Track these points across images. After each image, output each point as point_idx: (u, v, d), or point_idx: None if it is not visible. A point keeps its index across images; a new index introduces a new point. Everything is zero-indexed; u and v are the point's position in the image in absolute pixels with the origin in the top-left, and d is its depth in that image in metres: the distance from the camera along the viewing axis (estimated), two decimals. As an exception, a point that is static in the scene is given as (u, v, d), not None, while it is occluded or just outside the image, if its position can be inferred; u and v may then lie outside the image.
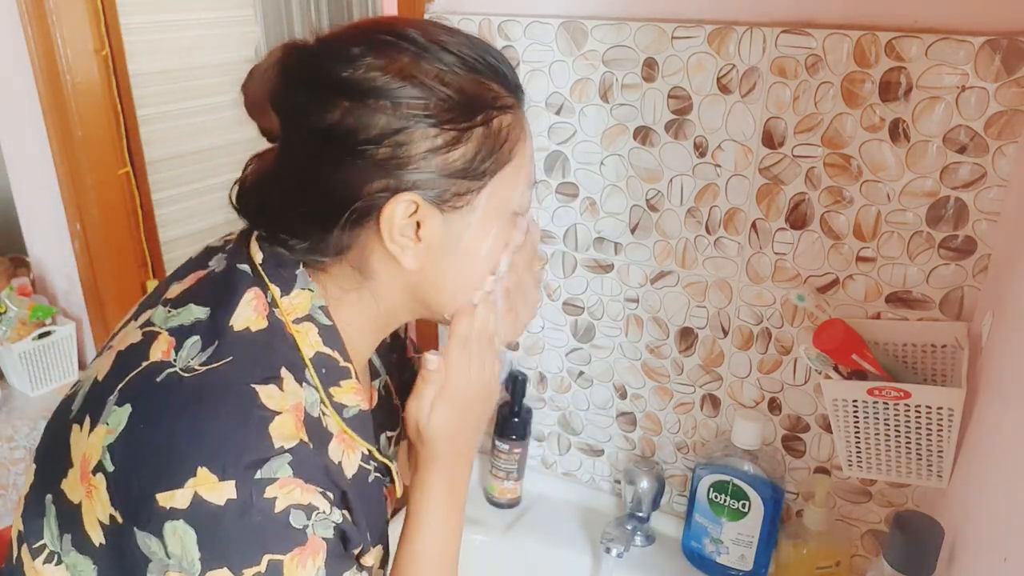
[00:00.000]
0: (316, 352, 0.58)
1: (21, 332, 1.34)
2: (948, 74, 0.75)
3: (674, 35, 0.86)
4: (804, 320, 0.89)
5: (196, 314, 0.56)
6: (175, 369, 0.53)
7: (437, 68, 0.54)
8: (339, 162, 0.54)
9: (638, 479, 1.01)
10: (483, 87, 0.56)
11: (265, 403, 0.52)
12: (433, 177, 0.54)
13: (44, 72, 1.27)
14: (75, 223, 1.36)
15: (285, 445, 0.51)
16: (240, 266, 0.58)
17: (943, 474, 0.77)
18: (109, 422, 0.51)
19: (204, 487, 0.48)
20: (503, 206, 0.59)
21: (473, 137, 0.55)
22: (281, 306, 0.57)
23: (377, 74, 0.53)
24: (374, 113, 0.52)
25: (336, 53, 0.54)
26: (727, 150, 0.88)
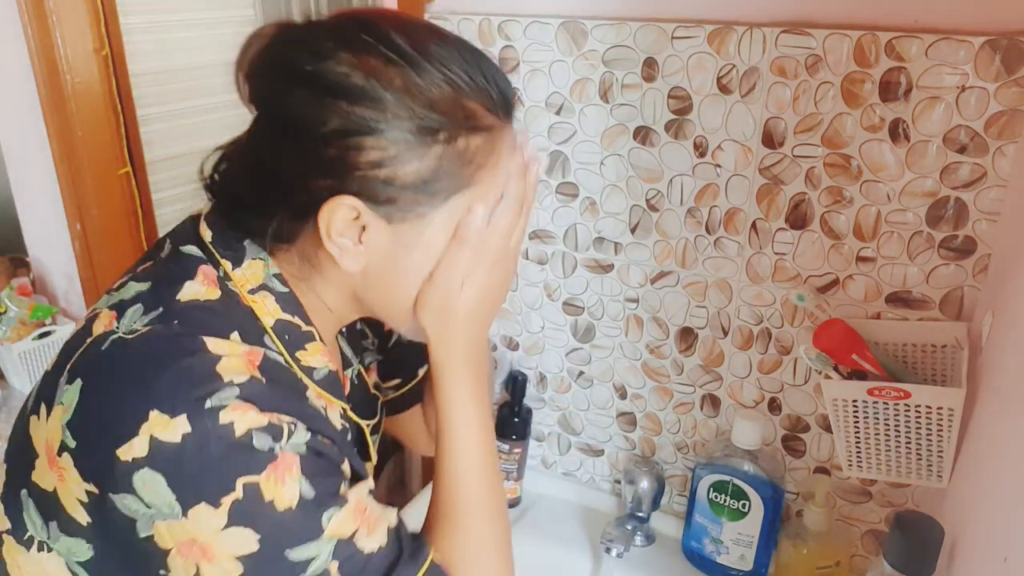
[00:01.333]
0: (276, 319, 0.57)
1: (21, 332, 1.34)
2: (948, 74, 0.75)
3: (674, 35, 0.86)
4: (804, 320, 0.89)
5: (136, 288, 0.56)
6: (118, 334, 0.52)
7: (407, 77, 0.52)
8: (289, 152, 0.53)
9: (638, 479, 1.01)
10: (456, 104, 0.54)
11: (211, 348, 0.51)
12: (380, 187, 0.53)
13: (44, 72, 1.27)
14: (75, 223, 1.36)
15: (235, 379, 0.50)
16: (185, 248, 0.58)
17: (943, 474, 0.77)
18: (63, 401, 0.51)
19: (157, 428, 0.48)
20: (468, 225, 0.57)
21: (431, 155, 0.53)
22: (234, 278, 0.57)
23: (342, 73, 0.51)
24: (328, 111, 0.51)
25: (311, 44, 0.53)
26: (727, 150, 0.88)
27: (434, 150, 0.53)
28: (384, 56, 0.52)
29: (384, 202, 0.54)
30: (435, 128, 0.53)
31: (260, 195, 0.56)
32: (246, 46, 0.58)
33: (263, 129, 0.56)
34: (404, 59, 0.52)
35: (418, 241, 0.56)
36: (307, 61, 0.52)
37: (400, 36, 0.53)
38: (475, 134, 0.55)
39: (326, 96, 0.52)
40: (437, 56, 0.53)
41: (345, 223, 0.54)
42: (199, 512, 0.48)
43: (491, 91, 0.56)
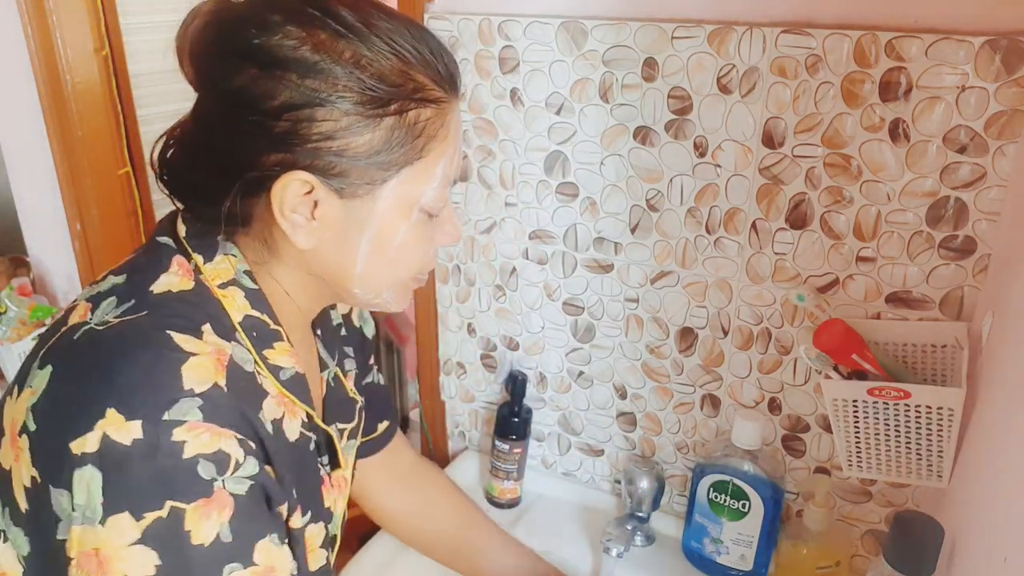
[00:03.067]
0: (245, 315, 0.58)
1: (21, 332, 1.34)
2: (948, 74, 0.75)
3: (674, 35, 0.86)
4: (804, 320, 0.89)
5: (113, 281, 0.57)
6: (90, 325, 0.53)
7: (356, 50, 0.52)
8: (237, 129, 0.53)
9: (638, 479, 1.01)
10: (405, 77, 0.54)
11: (180, 345, 0.52)
12: (332, 160, 0.53)
13: (44, 72, 1.27)
14: (75, 223, 1.36)
15: (196, 388, 0.50)
16: (160, 238, 0.59)
17: (943, 474, 0.77)
18: (32, 384, 0.52)
19: (112, 427, 0.48)
20: (412, 201, 0.58)
21: (382, 126, 0.54)
22: (205, 272, 0.57)
23: (290, 45, 0.51)
24: (278, 84, 0.51)
25: (257, 18, 0.53)
26: (727, 150, 0.88)
27: (385, 121, 0.54)
28: (332, 29, 0.52)
29: (336, 175, 0.54)
30: (386, 99, 0.53)
31: (212, 176, 0.55)
32: (186, 23, 0.57)
33: (210, 108, 0.56)
34: (352, 32, 0.52)
35: (370, 215, 0.57)
36: (254, 35, 0.52)
37: (346, 10, 0.53)
38: (425, 106, 0.55)
39: (275, 69, 0.51)
40: (384, 30, 0.53)
41: (297, 198, 0.54)
42: (118, 520, 0.48)
43: (438, 65, 0.56)
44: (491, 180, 1.04)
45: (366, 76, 0.52)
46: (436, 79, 0.56)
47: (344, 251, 0.58)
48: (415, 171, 0.57)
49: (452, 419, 1.24)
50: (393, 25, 0.54)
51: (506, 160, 1.02)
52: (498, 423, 1.09)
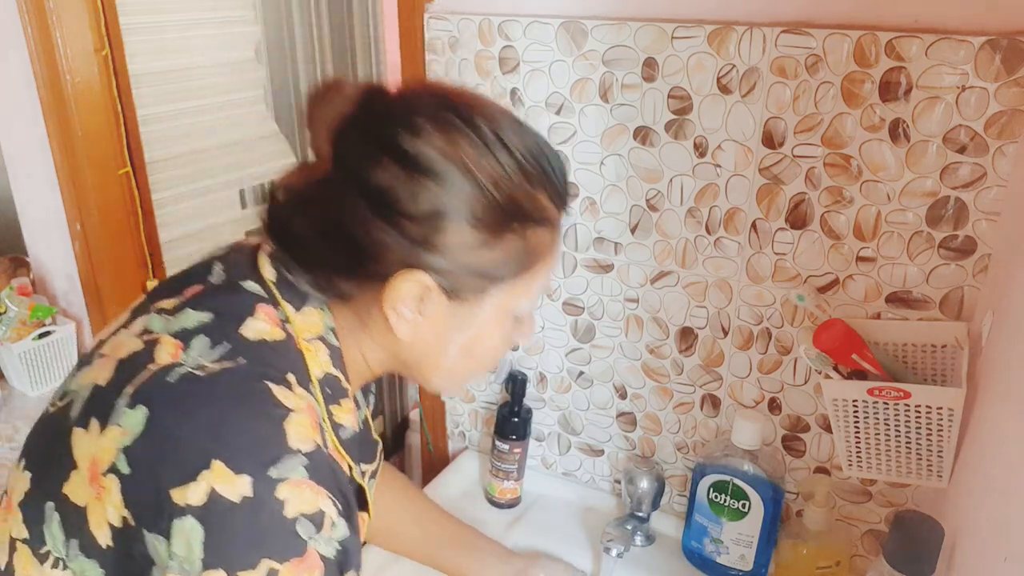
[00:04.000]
0: (325, 372, 0.58)
1: (21, 332, 1.34)
2: (948, 74, 0.75)
3: (674, 35, 0.86)
4: (804, 320, 0.89)
5: (198, 318, 0.56)
6: (186, 368, 0.52)
7: (493, 168, 0.54)
8: (372, 221, 0.54)
9: (638, 479, 1.01)
10: (531, 198, 0.57)
11: (280, 400, 0.52)
12: (453, 267, 0.55)
13: (44, 72, 1.27)
14: (75, 223, 1.36)
15: (300, 446, 0.51)
16: (246, 283, 0.58)
17: (943, 474, 0.77)
18: (122, 424, 0.51)
19: (219, 481, 0.48)
20: (509, 310, 0.61)
21: (503, 242, 0.56)
22: (293, 323, 0.57)
23: (437, 155, 0.53)
24: (421, 191, 0.53)
25: (405, 118, 0.54)
26: (727, 150, 0.88)
27: (507, 238, 0.56)
28: (472, 141, 0.54)
29: (451, 280, 0.56)
30: (512, 219, 0.56)
31: (332, 253, 0.56)
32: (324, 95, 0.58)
33: (342, 189, 0.55)
34: (490, 148, 0.54)
35: (470, 318, 0.60)
36: (404, 138, 0.53)
37: (484, 121, 0.55)
38: (543, 226, 0.59)
39: (418, 174, 0.53)
40: (517, 147, 0.56)
41: (411, 295, 0.56)
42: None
43: (558, 184, 0.59)
44: (491, 180, 1.04)
45: (499, 195, 0.55)
46: (555, 199, 0.59)
47: (437, 346, 0.61)
48: (519, 283, 0.59)
49: (452, 419, 1.24)
50: (526, 141, 0.56)
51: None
52: (498, 423, 1.09)
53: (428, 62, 1.04)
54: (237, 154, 1.86)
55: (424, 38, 1.03)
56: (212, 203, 1.82)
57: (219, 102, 1.79)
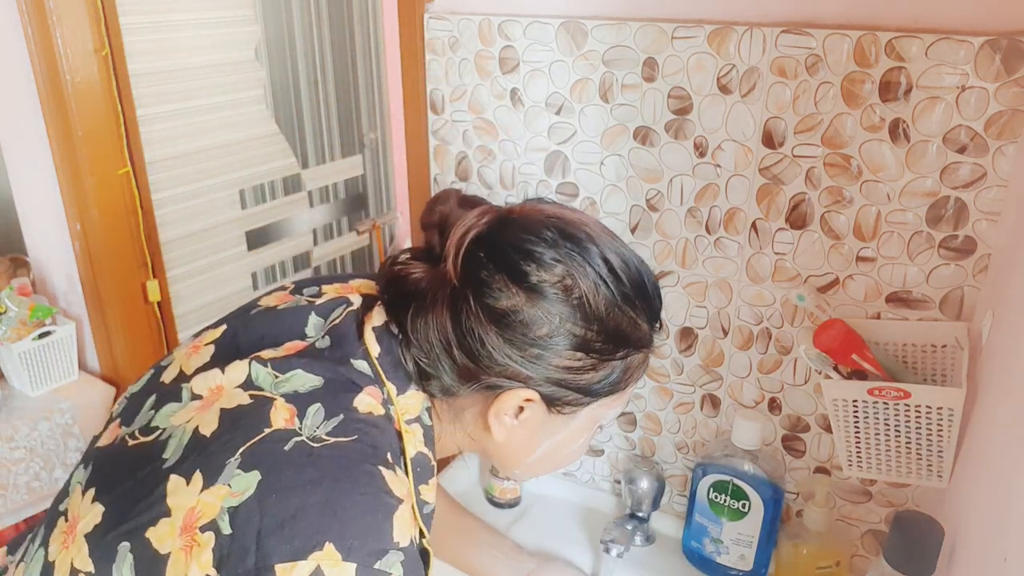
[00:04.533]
0: (418, 452, 0.60)
1: (21, 332, 1.34)
2: (948, 74, 0.75)
3: (674, 35, 0.86)
4: (804, 320, 0.89)
5: (309, 382, 0.57)
6: (302, 438, 0.53)
7: (606, 299, 0.58)
8: (493, 339, 0.57)
9: (638, 479, 1.01)
10: (635, 325, 0.60)
11: (391, 488, 0.53)
12: (558, 385, 0.59)
13: (44, 72, 1.27)
14: (75, 223, 1.36)
15: (402, 542, 0.52)
16: (357, 363, 0.60)
17: (943, 474, 0.77)
18: (232, 484, 0.51)
19: (328, 563, 0.48)
20: (597, 420, 0.65)
21: (607, 367, 0.60)
22: (396, 404, 0.60)
23: (559, 291, 0.57)
24: (542, 320, 0.56)
25: (530, 249, 0.57)
26: (727, 150, 0.88)
27: (612, 363, 0.60)
28: (589, 276, 0.57)
29: (555, 396, 0.60)
30: (618, 348, 0.59)
31: (448, 358, 0.59)
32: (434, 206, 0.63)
33: (470, 308, 0.57)
34: (605, 280, 0.58)
35: (563, 427, 0.63)
36: (529, 268, 0.57)
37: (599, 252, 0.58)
38: (640, 352, 0.62)
39: (544, 305, 0.56)
40: (626, 275, 0.59)
41: (515, 406, 0.60)
42: None
43: (656, 310, 0.62)
44: (491, 180, 1.04)
45: (611, 327, 0.58)
46: (651, 325, 0.62)
47: (526, 447, 0.64)
48: (611, 399, 0.63)
49: (452, 419, 1.24)
50: (629, 270, 0.60)
51: (506, 160, 1.02)
52: (498, 423, 1.09)
53: (428, 62, 1.04)
54: (237, 154, 1.86)
55: (424, 38, 1.03)
56: (212, 203, 1.82)
57: (219, 102, 1.79)
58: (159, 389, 0.62)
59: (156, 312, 1.52)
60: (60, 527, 0.58)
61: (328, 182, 2.19)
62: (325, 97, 2.12)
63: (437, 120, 1.06)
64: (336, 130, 2.18)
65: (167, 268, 1.69)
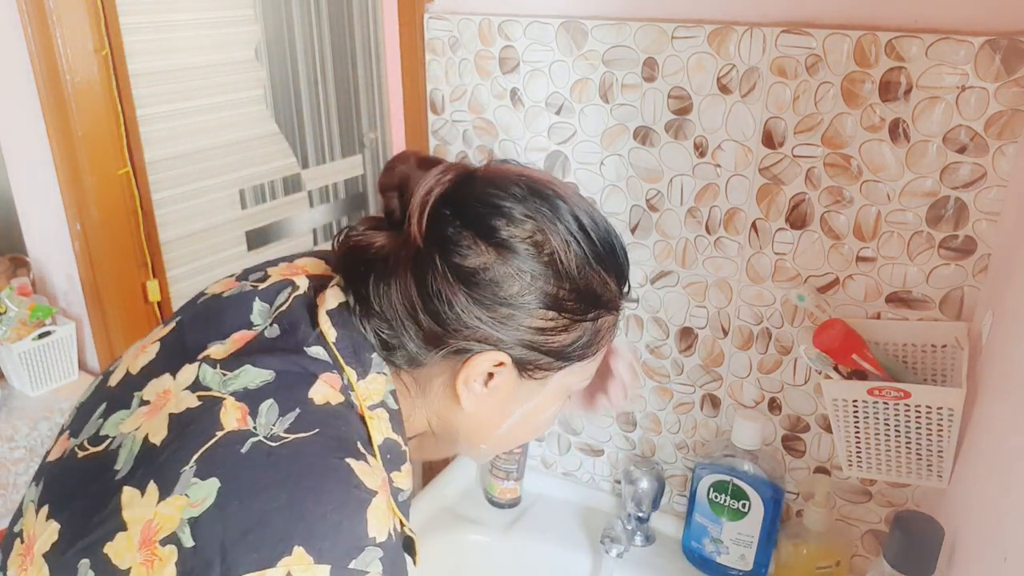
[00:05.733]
0: (385, 438, 0.57)
1: (21, 332, 1.34)
2: (948, 74, 0.75)
3: (674, 35, 0.86)
4: (804, 320, 0.89)
5: (260, 377, 0.54)
6: (259, 438, 0.50)
7: (578, 256, 0.56)
8: (462, 299, 0.55)
9: (638, 479, 1.01)
10: (605, 285, 0.58)
11: (363, 479, 0.51)
12: (529, 348, 0.57)
13: (44, 72, 1.27)
14: (75, 223, 1.36)
15: (379, 537, 0.50)
16: (311, 349, 0.57)
17: (943, 474, 0.77)
18: (190, 494, 0.48)
19: (299, 567, 0.46)
20: (569, 387, 0.63)
21: (578, 329, 0.58)
22: (357, 390, 0.56)
23: (530, 247, 0.55)
24: (513, 278, 0.54)
25: (499, 205, 0.55)
26: (727, 150, 0.88)
27: (583, 325, 0.58)
28: (561, 232, 0.56)
29: (526, 360, 0.57)
30: (590, 309, 0.58)
31: (414, 323, 0.56)
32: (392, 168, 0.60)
33: (437, 268, 0.55)
34: (576, 237, 0.56)
35: (533, 394, 0.61)
36: (498, 224, 0.54)
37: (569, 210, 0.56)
38: (611, 314, 0.60)
39: (514, 263, 0.54)
40: (596, 234, 0.57)
41: (485, 371, 0.57)
42: None
43: (625, 272, 0.61)
44: (491, 180, 1.04)
45: (582, 285, 0.56)
46: (621, 286, 0.61)
47: (495, 417, 0.62)
48: (582, 365, 0.61)
49: (452, 419, 1.24)
50: (599, 230, 0.58)
51: (506, 160, 1.02)
52: (498, 423, 1.09)
53: (428, 62, 1.04)
54: (237, 154, 1.86)
55: (424, 38, 1.03)
56: (212, 203, 1.82)
57: (219, 102, 1.79)
58: (108, 395, 0.59)
59: (156, 312, 1.52)
60: (16, 550, 0.55)
61: (328, 182, 2.19)
62: (325, 97, 2.11)
63: (437, 120, 1.06)
64: (336, 130, 2.17)
65: (167, 268, 1.69)
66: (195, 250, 1.79)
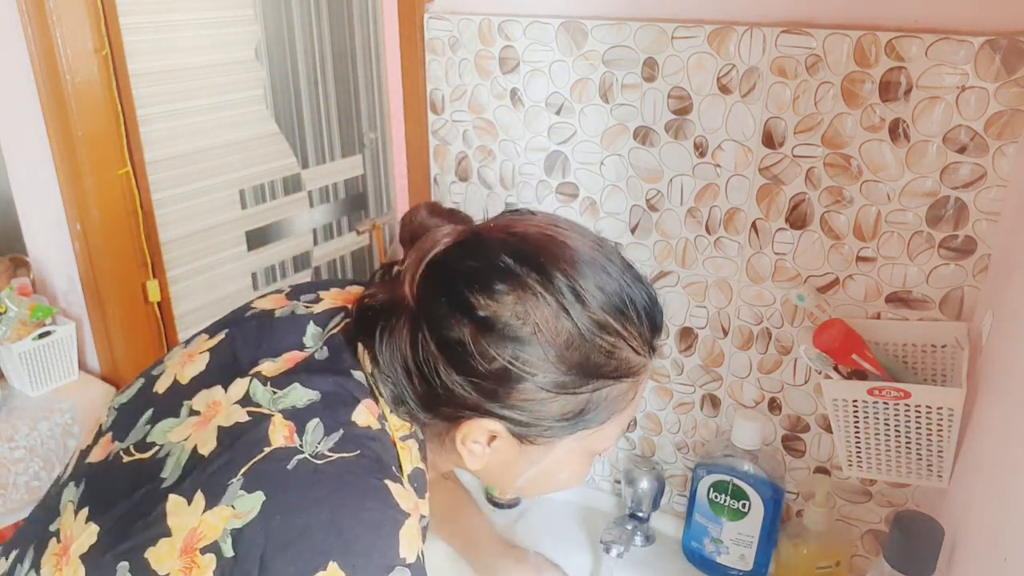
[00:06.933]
0: (414, 468, 0.59)
1: (21, 332, 1.34)
2: (948, 74, 0.75)
3: (674, 35, 0.86)
4: (804, 320, 0.89)
5: (307, 396, 0.56)
6: (304, 455, 0.52)
7: (568, 330, 0.54)
8: (445, 370, 0.55)
9: (638, 479, 1.01)
10: (610, 354, 0.56)
11: (398, 501, 0.52)
12: (523, 418, 0.56)
13: (44, 72, 1.27)
14: (75, 223, 1.36)
15: (408, 558, 0.51)
16: (356, 374, 0.58)
17: (943, 474, 0.77)
18: (236, 506, 0.50)
19: None
20: (586, 449, 0.62)
21: (577, 399, 0.57)
22: (390, 421, 0.58)
23: (509, 319, 0.54)
24: (493, 351, 0.54)
25: (482, 277, 0.54)
26: (727, 150, 0.88)
27: (581, 395, 0.56)
28: (549, 305, 0.54)
29: (521, 427, 0.57)
30: (588, 378, 0.56)
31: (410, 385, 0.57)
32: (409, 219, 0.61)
33: (423, 335, 0.56)
34: (567, 309, 0.54)
35: (541, 457, 0.61)
36: (479, 300, 0.54)
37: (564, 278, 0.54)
38: (622, 381, 0.58)
39: (492, 337, 0.54)
40: (599, 301, 0.55)
41: (481, 436, 0.58)
42: None
43: (644, 331, 0.58)
44: (491, 180, 1.04)
45: (573, 356, 0.55)
46: (639, 347, 0.58)
47: (507, 475, 0.63)
48: (596, 432, 0.60)
49: (452, 419, 1.24)
50: (607, 294, 0.56)
51: (506, 160, 1.02)
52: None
53: (428, 62, 1.04)
54: (237, 154, 1.86)
55: (424, 38, 1.03)
56: (212, 203, 1.82)
57: (219, 102, 1.79)
58: (155, 402, 0.60)
59: (156, 312, 1.52)
60: (52, 549, 0.56)
61: (328, 182, 2.19)
62: (325, 97, 2.11)
63: (437, 120, 1.06)
64: (336, 130, 2.17)
65: (167, 268, 1.69)
66: (195, 250, 1.79)
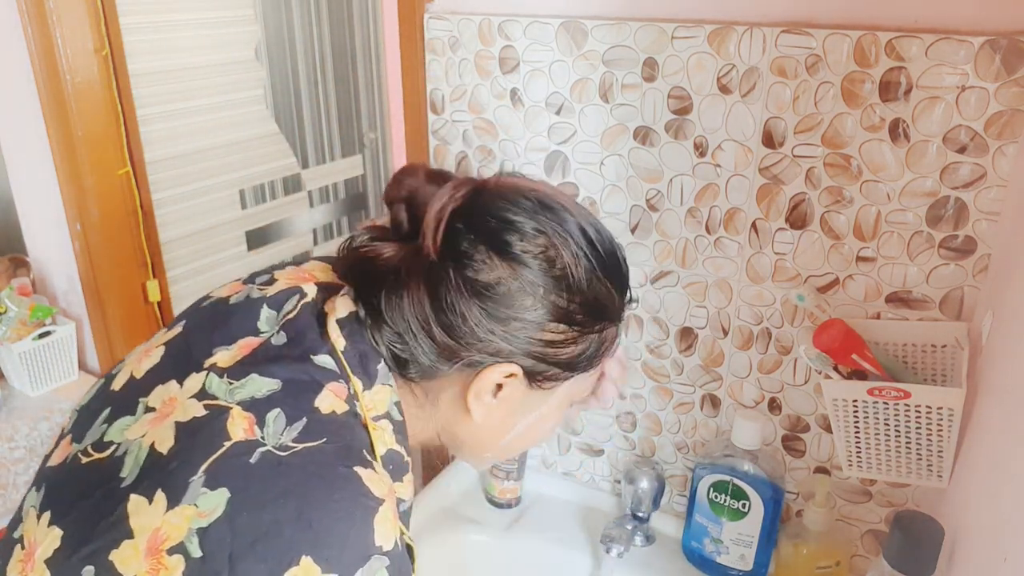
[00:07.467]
0: (388, 449, 0.57)
1: (21, 332, 1.34)
2: (948, 74, 0.75)
3: (674, 35, 0.86)
4: (804, 320, 0.89)
5: (266, 386, 0.54)
6: (267, 448, 0.50)
7: (587, 271, 0.57)
8: (476, 313, 0.55)
9: (638, 479, 1.01)
10: (612, 300, 0.60)
11: (370, 488, 0.51)
12: (542, 362, 0.58)
13: (44, 72, 1.27)
14: (75, 223, 1.36)
15: (385, 545, 0.50)
16: (318, 358, 0.56)
17: (943, 474, 0.77)
18: (199, 504, 0.48)
19: None
20: (572, 397, 0.64)
21: (587, 340, 0.59)
22: (362, 400, 0.56)
23: (542, 262, 0.55)
24: (525, 292, 0.55)
25: (512, 220, 0.56)
26: (727, 150, 0.88)
27: (590, 337, 0.59)
28: (574, 249, 0.56)
29: (536, 371, 0.58)
30: (599, 321, 0.59)
31: (427, 336, 0.56)
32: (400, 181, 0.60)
33: (451, 282, 0.55)
34: (584, 250, 0.57)
35: (540, 404, 0.62)
36: (515, 241, 0.55)
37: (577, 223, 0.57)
38: (614, 325, 0.62)
39: (527, 280, 0.55)
40: (603, 247, 0.58)
41: (495, 383, 0.58)
42: None
43: (626, 282, 0.62)
44: (491, 180, 1.04)
45: (590, 298, 0.57)
46: (624, 295, 0.62)
47: (501, 427, 0.63)
48: (587, 374, 0.62)
49: (452, 419, 1.24)
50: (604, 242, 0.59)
51: (506, 160, 1.02)
52: (498, 423, 1.09)
53: (428, 62, 1.04)
54: (237, 154, 1.86)
55: (424, 38, 1.03)
56: (212, 203, 1.82)
57: (219, 102, 1.79)
58: (112, 400, 0.58)
59: (156, 312, 1.52)
60: (16, 555, 0.54)
61: (328, 182, 2.19)
62: (325, 97, 2.12)
63: (437, 120, 1.06)
64: (336, 130, 2.17)
65: (167, 268, 1.69)
66: (195, 250, 1.79)
